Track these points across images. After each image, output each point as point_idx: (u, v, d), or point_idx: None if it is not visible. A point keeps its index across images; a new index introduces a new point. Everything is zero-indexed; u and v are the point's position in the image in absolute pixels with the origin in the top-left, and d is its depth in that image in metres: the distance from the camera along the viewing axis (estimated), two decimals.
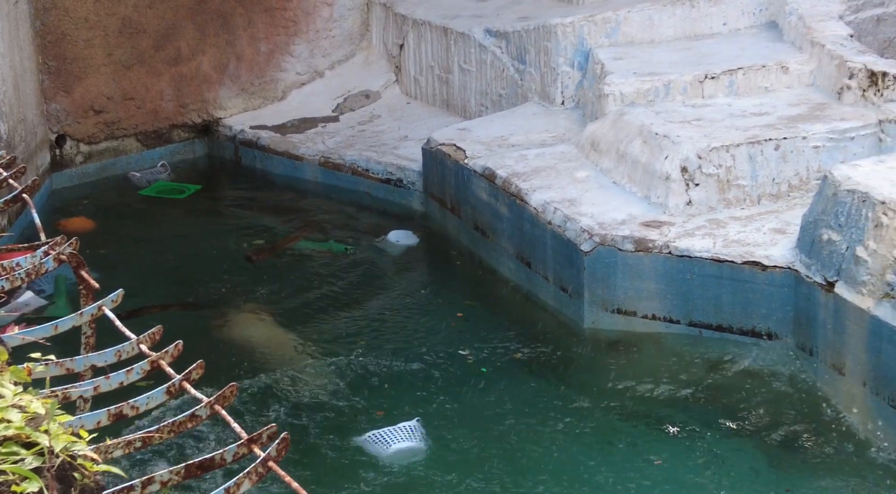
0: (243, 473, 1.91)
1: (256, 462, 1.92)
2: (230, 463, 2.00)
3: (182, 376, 2.17)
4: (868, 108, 6.78)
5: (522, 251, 7.10)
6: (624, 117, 7.13)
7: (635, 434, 5.59)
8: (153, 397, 2.17)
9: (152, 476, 1.89)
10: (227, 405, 2.08)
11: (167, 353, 2.26)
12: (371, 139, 9.09)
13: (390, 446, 5.41)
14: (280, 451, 1.92)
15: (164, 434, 2.04)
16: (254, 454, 1.97)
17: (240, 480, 1.89)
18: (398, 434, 5.47)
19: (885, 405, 5.24)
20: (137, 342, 2.33)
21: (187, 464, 1.95)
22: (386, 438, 5.46)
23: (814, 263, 5.65)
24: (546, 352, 6.45)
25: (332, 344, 6.61)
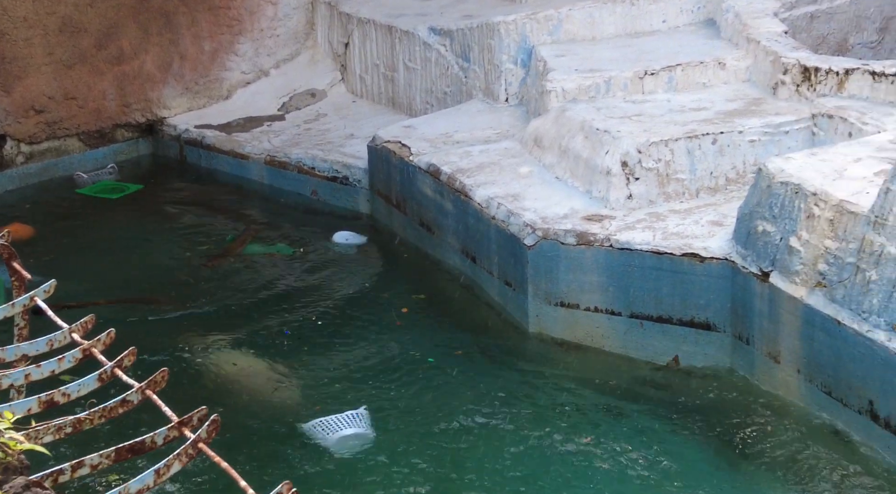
0: (173, 454, 1.93)
1: (186, 444, 1.94)
2: (161, 446, 2.02)
3: (114, 363, 2.19)
4: (802, 102, 6.94)
5: (467, 246, 7.16)
6: (566, 113, 7.23)
7: (576, 424, 5.66)
8: (84, 384, 2.18)
9: (82, 460, 1.91)
10: (158, 390, 2.10)
11: (99, 341, 2.28)
12: (317, 138, 9.10)
13: (336, 433, 5.43)
14: (210, 433, 1.95)
15: (96, 419, 2.05)
16: (185, 436, 1.99)
17: (170, 461, 1.91)
18: (344, 422, 5.49)
19: (818, 390, 5.37)
20: (69, 331, 2.34)
21: (117, 448, 1.96)
22: (332, 425, 5.48)
23: (749, 254, 5.77)
24: (491, 345, 6.52)
25: (277, 341, 6.62)
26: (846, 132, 6.46)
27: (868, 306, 5.03)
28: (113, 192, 8.93)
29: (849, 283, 5.16)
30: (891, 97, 6.58)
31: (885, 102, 6.60)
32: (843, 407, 5.23)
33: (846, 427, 5.22)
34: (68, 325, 2.35)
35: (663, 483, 5.12)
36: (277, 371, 6.25)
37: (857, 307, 5.09)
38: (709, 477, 5.15)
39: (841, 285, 5.20)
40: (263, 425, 5.67)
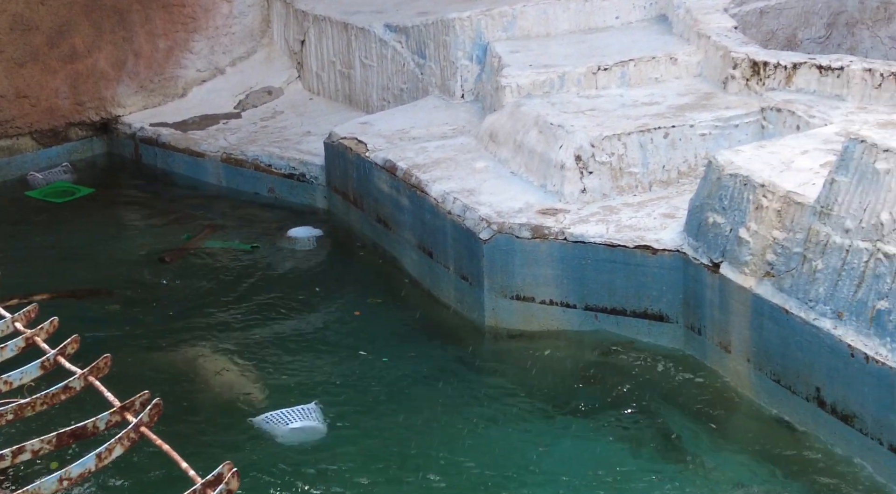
0: (115, 438, 1.94)
1: (128, 428, 1.95)
2: (104, 431, 2.03)
3: (56, 350, 2.19)
4: (751, 96, 7.05)
5: (424, 242, 7.19)
6: (521, 109, 7.28)
7: (531, 417, 5.70)
8: (27, 371, 2.18)
9: (23, 446, 1.91)
10: (101, 377, 2.10)
11: (42, 329, 2.28)
12: (273, 135, 9.09)
13: (286, 425, 5.43)
14: (153, 417, 1.96)
15: (38, 406, 2.05)
16: (127, 421, 2.00)
17: (111, 445, 1.92)
18: (296, 415, 5.50)
19: (768, 379, 5.46)
20: (12, 321, 2.34)
21: (59, 433, 1.97)
22: (282, 418, 5.47)
23: (700, 245, 5.85)
24: (447, 339, 6.55)
25: (232, 338, 6.60)
26: (794, 125, 6.57)
27: (814, 295, 5.13)
28: (63, 195, 8.84)
29: (796, 272, 5.25)
30: (837, 90, 6.71)
31: (831, 95, 6.72)
32: (791, 395, 5.32)
33: (794, 414, 5.31)
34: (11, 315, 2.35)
35: (617, 472, 5.17)
36: (229, 363, 6.24)
37: (804, 296, 5.18)
38: (661, 465, 5.21)
39: (788, 275, 5.29)
40: (212, 415, 5.67)
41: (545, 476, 5.18)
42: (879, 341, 4.78)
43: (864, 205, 4.94)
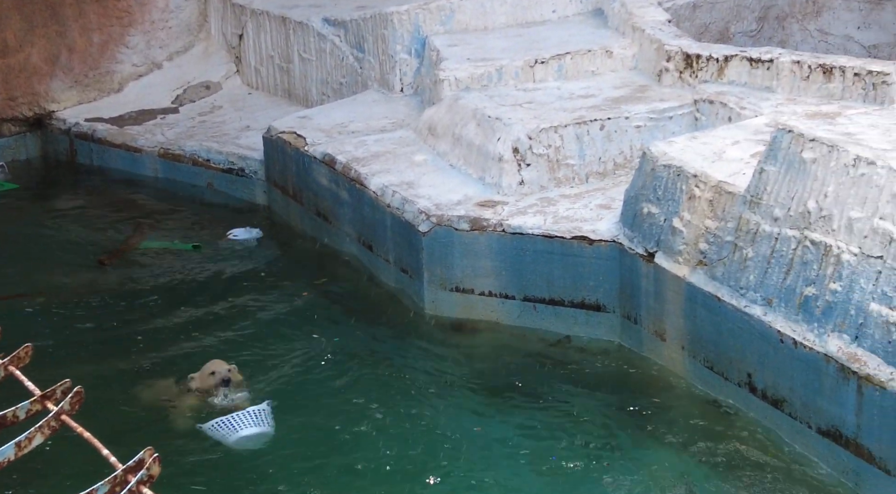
0: (35, 427, 1.93)
1: (49, 416, 1.94)
2: (24, 420, 2.01)
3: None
4: (685, 88, 7.16)
5: (364, 235, 7.19)
6: (459, 102, 7.31)
7: (473, 407, 5.74)
8: None
9: None
10: (22, 366, 2.08)
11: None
12: (212, 130, 9.02)
13: (236, 433, 5.35)
14: (74, 405, 1.94)
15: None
16: (48, 409, 1.99)
17: (31, 434, 1.90)
18: (245, 420, 5.43)
19: (701, 366, 5.56)
20: None
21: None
22: (231, 424, 5.41)
23: (636, 235, 5.93)
24: (388, 331, 6.57)
25: (174, 336, 6.55)
26: (726, 117, 6.68)
27: (745, 283, 5.23)
28: None
29: (727, 261, 5.35)
30: (767, 82, 6.84)
31: (761, 87, 6.85)
32: (724, 381, 5.42)
33: (728, 400, 5.41)
34: None
35: (555, 460, 5.22)
36: (168, 359, 6.20)
37: (736, 284, 5.28)
38: (599, 452, 5.27)
39: (720, 263, 5.39)
40: (142, 411, 5.65)
41: (485, 463, 5.22)
42: (807, 326, 4.89)
43: (791, 194, 5.05)
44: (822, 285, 4.83)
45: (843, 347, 4.72)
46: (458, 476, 5.12)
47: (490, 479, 5.09)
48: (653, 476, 5.05)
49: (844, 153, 4.86)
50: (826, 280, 4.82)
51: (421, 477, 5.10)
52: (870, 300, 4.63)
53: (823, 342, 4.80)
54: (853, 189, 4.79)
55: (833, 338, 4.77)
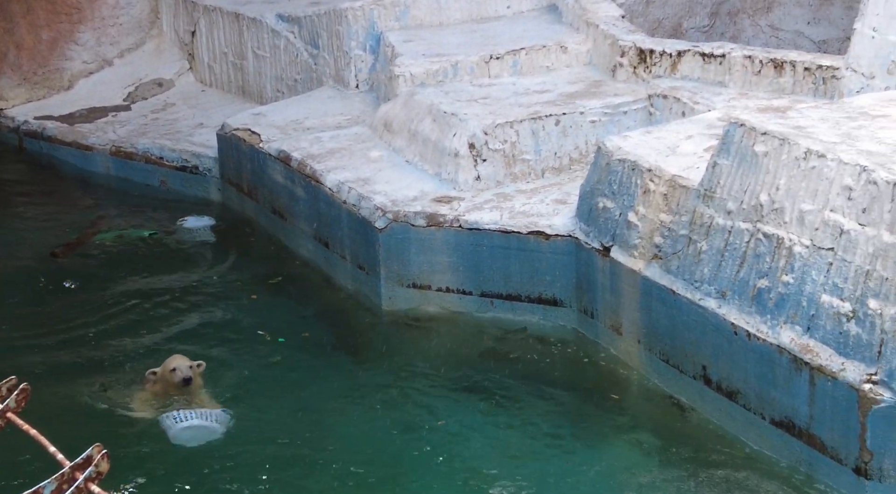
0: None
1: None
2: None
3: None
4: (639, 83, 7.20)
5: (320, 232, 7.15)
6: (414, 98, 7.30)
7: (430, 402, 5.73)
8: None
9: None
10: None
11: None
12: (165, 127, 8.94)
13: (181, 423, 5.25)
14: (20, 402, 1.90)
15: None
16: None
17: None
18: (194, 415, 5.36)
19: (657, 359, 5.59)
20: None
21: None
22: (180, 417, 5.30)
23: (592, 230, 5.96)
24: (345, 328, 6.54)
25: (126, 331, 6.47)
26: (679, 111, 6.74)
27: (700, 276, 5.27)
28: None
29: (682, 254, 5.39)
30: (719, 77, 6.90)
31: (714, 81, 6.91)
32: (679, 374, 5.45)
33: (683, 393, 5.44)
34: None
35: (513, 454, 5.23)
36: (119, 355, 6.13)
37: (690, 277, 5.32)
38: (556, 446, 5.29)
39: (675, 257, 5.43)
40: (92, 406, 5.58)
41: (443, 458, 5.21)
42: (760, 318, 4.94)
43: (744, 187, 5.10)
44: (775, 278, 4.89)
45: (795, 338, 4.77)
46: (421, 470, 5.11)
47: (451, 473, 5.08)
48: (610, 470, 5.07)
49: (795, 146, 4.91)
50: (778, 272, 4.88)
51: (382, 474, 5.08)
52: (821, 292, 4.69)
53: (776, 333, 4.85)
54: (804, 182, 4.84)
55: (786, 330, 4.82)
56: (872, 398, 4.42)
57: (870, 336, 4.48)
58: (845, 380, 4.53)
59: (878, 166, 4.61)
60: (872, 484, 4.51)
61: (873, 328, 4.47)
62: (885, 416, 4.40)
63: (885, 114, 5.29)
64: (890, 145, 4.86)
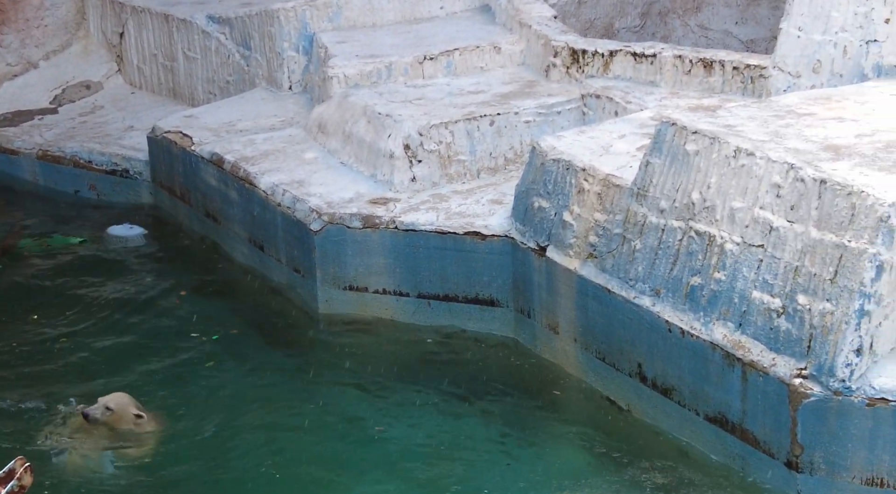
0: None
1: None
2: None
3: None
4: (572, 83, 7.25)
5: (254, 235, 7.07)
6: (349, 99, 7.26)
7: (367, 405, 5.70)
8: None
9: None
10: None
11: None
12: (94, 130, 8.77)
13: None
14: None
15: None
16: None
17: None
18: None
19: (594, 357, 5.63)
20: None
21: None
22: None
23: (527, 229, 5.98)
24: (282, 332, 6.48)
25: (52, 343, 6.33)
26: (612, 111, 6.80)
27: (634, 274, 5.31)
28: None
29: (617, 253, 5.43)
30: (651, 77, 6.98)
31: (646, 81, 6.99)
32: (616, 372, 5.50)
33: (619, 391, 5.49)
34: None
35: (452, 456, 5.22)
36: (44, 368, 6.00)
37: (625, 276, 5.36)
38: (495, 447, 5.29)
39: (610, 256, 5.47)
40: (17, 421, 5.46)
41: (381, 461, 5.19)
42: (693, 315, 5.00)
43: (676, 185, 5.16)
44: (707, 275, 4.95)
45: (727, 334, 4.84)
46: (350, 473, 5.07)
47: (390, 477, 5.06)
48: (549, 469, 5.09)
49: (725, 145, 4.98)
50: (710, 270, 4.94)
51: (320, 479, 5.04)
52: (752, 288, 4.76)
53: (709, 330, 4.92)
54: (734, 180, 4.91)
55: (718, 326, 4.89)
56: (802, 393, 4.50)
57: (799, 331, 4.56)
58: (776, 375, 4.60)
59: (805, 164, 4.70)
60: (803, 477, 4.60)
61: (802, 324, 4.55)
62: (815, 410, 4.49)
63: (811, 112, 5.40)
64: (816, 143, 4.96)
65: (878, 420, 4.40)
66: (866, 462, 4.47)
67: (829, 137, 5.04)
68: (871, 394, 4.40)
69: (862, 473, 4.49)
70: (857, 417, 4.43)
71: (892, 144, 4.93)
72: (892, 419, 4.38)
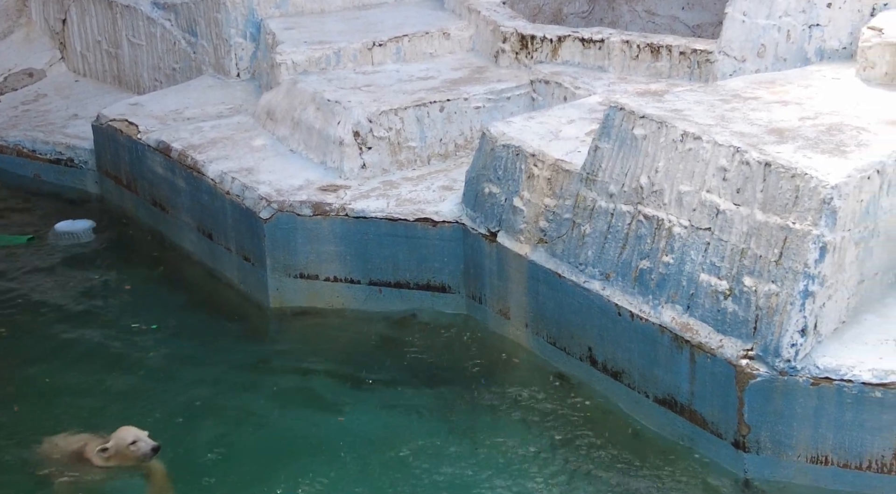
0: None
1: None
2: None
3: None
4: (521, 69, 7.26)
5: (203, 224, 7.00)
6: (297, 86, 7.20)
7: (320, 392, 5.68)
8: None
9: None
10: None
11: None
12: (37, 119, 8.62)
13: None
14: None
15: None
16: None
17: None
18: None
19: (545, 342, 5.66)
20: None
21: None
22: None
23: (478, 215, 5.99)
24: (232, 321, 6.42)
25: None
26: (561, 96, 6.82)
27: (584, 259, 5.35)
28: None
29: (567, 238, 5.46)
30: (599, 62, 7.01)
31: (594, 66, 7.02)
32: (567, 356, 5.53)
33: (570, 374, 5.52)
34: None
35: (405, 442, 5.21)
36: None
37: (575, 260, 5.39)
38: (448, 433, 5.30)
39: (560, 241, 5.50)
40: None
41: (334, 450, 5.17)
42: (643, 299, 5.04)
43: (625, 170, 5.19)
44: (656, 258, 4.99)
45: (676, 317, 4.89)
46: (302, 462, 5.04)
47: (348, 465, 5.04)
48: (501, 452, 5.11)
49: (672, 129, 5.02)
50: (659, 253, 4.99)
51: (273, 468, 5.01)
52: (700, 271, 4.81)
53: (658, 313, 4.96)
54: (682, 164, 4.96)
55: (667, 309, 4.94)
56: (749, 374, 4.57)
57: (746, 313, 4.62)
58: (723, 356, 4.66)
59: (750, 147, 4.75)
60: (750, 457, 4.67)
61: (749, 305, 4.61)
62: (761, 390, 4.56)
63: (757, 96, 5.46)
64: (762, 126, 5.02)
65: (823, 399, 4.47)
66: (811, 440, 4.55)
67: (774, 120, 5.10)
68: (815, 374, 4.48)
69: (807, 451, 4.57)
70: (802, 396, 4.50)
71: (834, 126, 5.01)
72: (836, 398, 4.46)
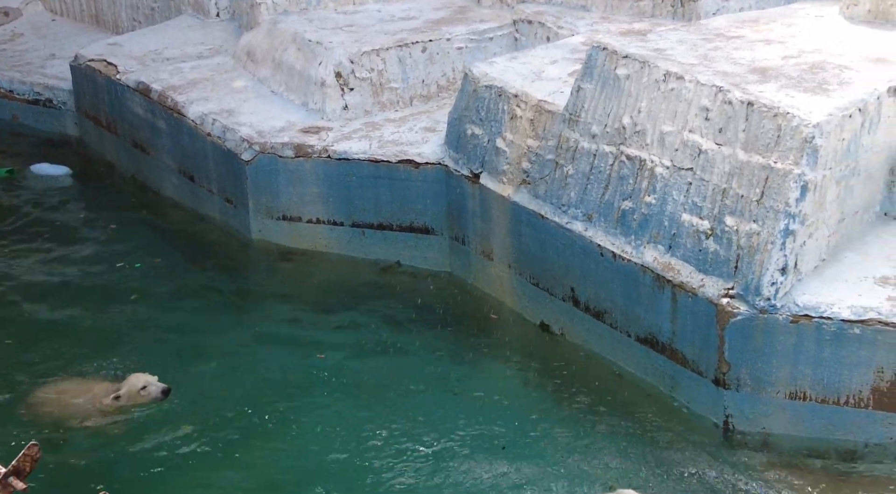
0: None
1: None
2: None
3: None
4: (504, 9, 7.19)
5: (184, 166, 6.96)
6: (278, 26, 7.11)
7: (302, 336, 5.69)
8: None
9: None
10: None
11: None
12: (14, 59, 8.49)
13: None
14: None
15: None
16: None
17: None
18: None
19: (528, 283, 5.68)
20: None
21: None
22: None
23: (461, 157, 5.96)
24: (215, 263, 6.42)
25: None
26: (544, 36, 6.76)
27: (567, 200, 5.35)
28: None
29: (549, 178, 5.45)
30: (582, 2, 6.94)
31: (577, 6, 6.95)
32: (549, 297, 5.56)
33: (553, 315, 5.55)
34: None
35: (390, 387, 5.24)
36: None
37: (558, 201, 5.39)
38: (433, 377, 5.33)
39: (543, 182, 5.49)
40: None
41: (316, 393, 5.19)
42: (625, 239, 5.06)
43: (607, 110, 5.17)
44: (638, 199, 5.00)
45: (658, 257, 4.92)
46: (284, 404, 5.07)
47: (318, 408, 5.07)
48: (486, 395, 5.14)
49: (655, 69, 4.99)
50: (641, 194, 4.99)
51: (261, 410, 5.04)
52: (682, 211, 4.83)
53: (640, 253, 4.98)
54: (664, 104, 4.94)
55: (649, 249, 4.96)
56: (730, 312, 4.61)
57: (727, 252, 4.65)
58: (704, 296, 4.70)
59: (733, 86, 4.74)
60: (730, 394, 4.73)
61: (730, 245, 4.64)
62: (741, 329, 4.60)
63: (740, 35, 5.43)
64: (744, 65, 5.00)
65: (802, 337, 4.52)
66: (790, 376, 4.61)
67: (757, 59, 5.08)
68: (795, 311, 4.52)
69: (786, 387, 4.63)
70: (781, 334, 4.55)
71: (817, 65, 5.00)
72: (814, 336, 4.51)
